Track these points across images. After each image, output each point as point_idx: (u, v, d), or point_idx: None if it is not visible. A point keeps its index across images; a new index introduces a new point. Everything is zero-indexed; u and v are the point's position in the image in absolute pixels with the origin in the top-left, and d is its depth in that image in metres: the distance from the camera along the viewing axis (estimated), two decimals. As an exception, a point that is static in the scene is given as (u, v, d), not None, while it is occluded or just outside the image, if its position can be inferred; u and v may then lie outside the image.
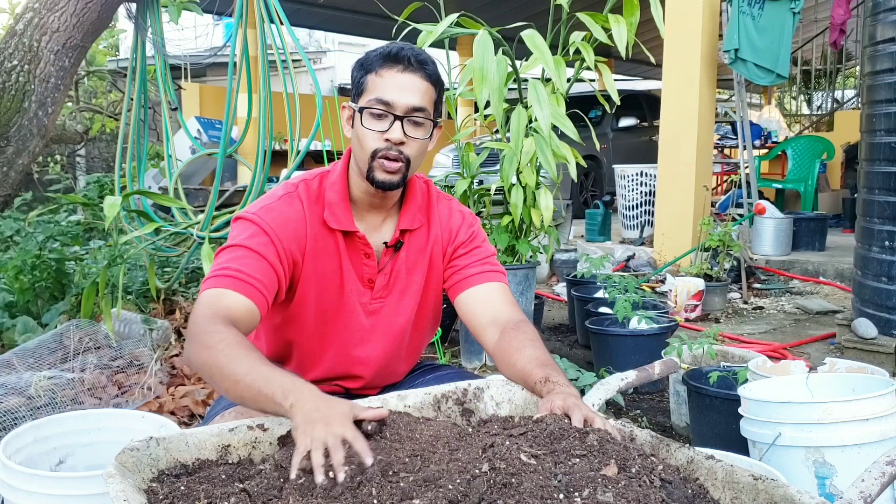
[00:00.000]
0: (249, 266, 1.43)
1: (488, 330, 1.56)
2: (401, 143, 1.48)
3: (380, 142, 1.48)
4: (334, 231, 1.55)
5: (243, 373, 1.23)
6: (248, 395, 1.22)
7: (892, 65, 3.18)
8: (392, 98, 1.47)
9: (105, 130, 7.68)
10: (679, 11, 5.52)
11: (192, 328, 1.35)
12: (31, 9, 4.05)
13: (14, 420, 2.24)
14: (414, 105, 1.48)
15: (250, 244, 1.46)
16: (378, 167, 1.49)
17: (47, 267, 3.36)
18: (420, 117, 1.49)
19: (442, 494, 0.97)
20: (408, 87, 1.48)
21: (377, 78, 1.48)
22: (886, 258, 3.19)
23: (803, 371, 2.29)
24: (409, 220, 1.61)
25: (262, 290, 1.43)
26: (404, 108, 1.47)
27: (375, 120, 1.48)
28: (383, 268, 1.61)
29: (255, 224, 1.48)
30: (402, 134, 1.48)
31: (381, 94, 1.47)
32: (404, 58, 1.48)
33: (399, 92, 1.47)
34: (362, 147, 1.50)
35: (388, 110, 1.47)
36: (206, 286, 1.41)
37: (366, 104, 1.48)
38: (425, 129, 1.51)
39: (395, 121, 1.47)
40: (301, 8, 9.66)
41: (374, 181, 1.50)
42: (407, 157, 1.50)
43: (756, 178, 6.21)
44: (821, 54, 12.56)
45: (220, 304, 1.37)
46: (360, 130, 1.50)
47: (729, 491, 1.09)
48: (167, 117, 4.08)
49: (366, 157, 1.50)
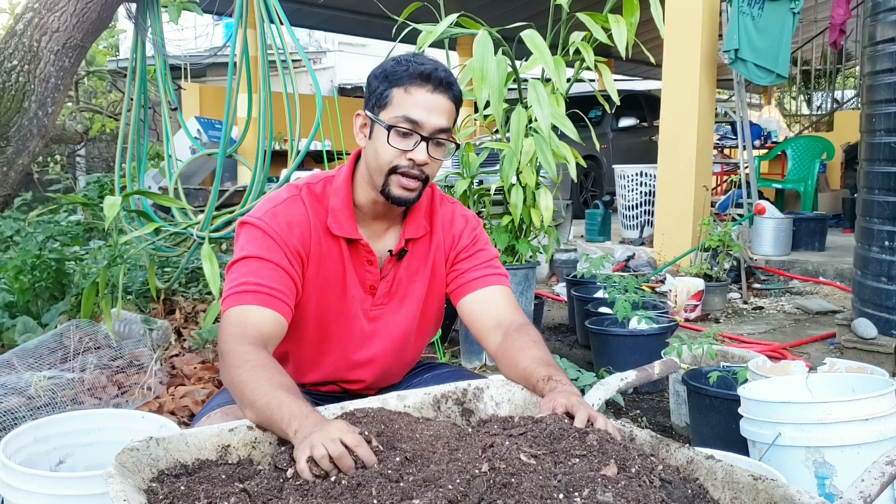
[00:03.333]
0: (267, 277, 1.43)
1: (492, 333, 1.56)
2: (424, 164, 1.48)
3: (401, 159, 1.47)
4: (338, 237, 1.55)
5: (261, 394, 1.24)
6: (262, 419, 1.24)
7: (892, 65, 3.18)
8: (421, 118, 1.45)
9: (105, 130, 7.69)
10: (679, 11, 5.52)
11: (221, 347, 1.37)
12: (31, 9, 4.05)
13: (14, 420, 2.24)
14: (440, 127, 1.47)
15: (262, 254, 1.46)
16: (395, 183, 1.48)
17: (47, 267, 3.36)
18: (443, 139, 1.49)
19: (442, 494, 0.97)
20: (436, 109, 1.47)
21: (406, 95, 1.46)
22: (886, 258, 3.19)
23: (803, 371, 2.29)
24: (414, 229, 1.61)
25: (284, 299, 1.44)
26: (431, 129, 1.46)
27: (400, 138, 1.46)
28: (386, 275, 1.61)
29: (261, 230, 1.48)
30: (427, 155, 1.47)
31: (410, 112, 1.45)
32: (436, 78, 1.47)
33: (428, 113, 1.46)
34: (380, 161, 1.48)
35: (415, 129, 1.46)
36: (229, 304, 1.41)
37: (393, 121, 1.46)
38: (446, 149, 1.51)
39: (420, 141, 1.46)
40: (301, 8, 9.65)
41: (390, 196, 1.49)
42: (427, 176, 1.50)
43: (756, 178, 6.21)
44: (821, 54, 12.56)
45: (247, 322, 1.38)
46: (382, 145, 1.47)
47: (729, 491, 1.09)
48: (167, 117, 4.08)
49: (383, 171, 1.48)
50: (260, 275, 1.43)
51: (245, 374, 1.28)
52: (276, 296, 1.42)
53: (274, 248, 1.46)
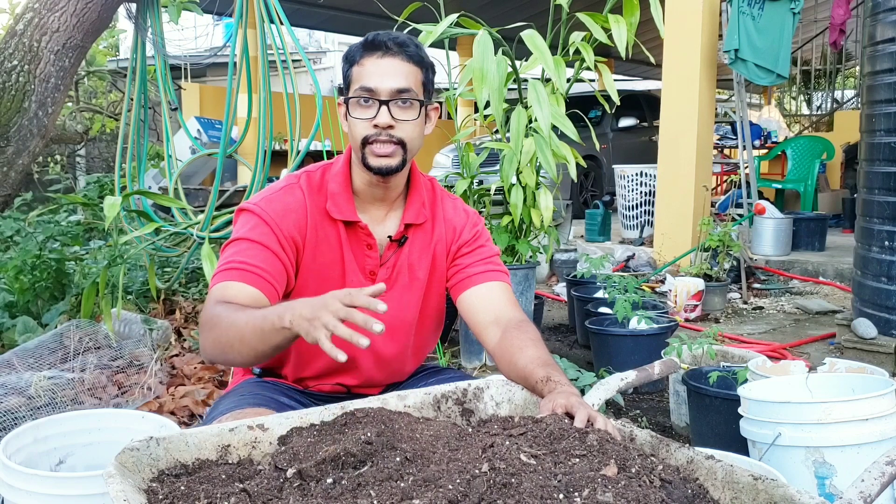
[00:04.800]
0: (253, 256, 1.46)
1: (490, 329, 1.56)
2: (389, 126, 1.49)
3: (369, 129, 1.50)
4: (336, 221, 1.56)
5: (243, 324, 1.29)
6: (256, 340, 1.28)
7: (892, 65, 3.18)
8: (374, 84, 1.48)
9: (105, 130, 7.68)
10: (679, 11, 5.52)
11: (200, 321, 1.41)
12: (31, 9, 4.05)
13: (14, 420, 2.24)
14: (397, 87, 1.49)
15: (252, 236, 1.49)
16: (370, 153, 1.51)
17: (47, 267, 3.36)
18: (406, 98, 1.50)
19: (442, 494, 0.97)
20: (389, 72, 1.49)
21: (359, 68, 1.51)
22: (886, 258, 3.19)
23: (803, 371, 2.29)
24: (414, 214, 1.62)
25: (269, 279, 1.46)
26: (388, 92, 1.48)
27: (363, 108, 1.50)
28: (386, 261, 1.61)
29: (255, 215, 1.51)
30: (390, 117, 1.49)
31: (365, 81, 1.49)
32: (381, 43, 1.50)
33: (380, 77, 1.49)
34: (354, 137, 1.53)
35: (372, 96, 1.49)
36: (215, 281, 1.45)
37: (352, 94, 1.50)
38: (414, 109, 1.52)
39: (380, 106, 1.48)
40: (301, 8, 9.66)
41: (370, 167, 1.52)
42: (400, 139, 1.51)
43: (756, 178, 6.21)
44: (821, 54, 12.56)
45: (225, 295, 1.41)
46: (350, 121, 1.52)
47: (729, 491, 1.09)
48: (167, 117, 4.08)
49: (357, 145, 1.52)
50: (247, 255, 1.46)
51: (223, 323, 1.33)
52: (259, 274, 1.45)
53: (266, 232, 1.49)
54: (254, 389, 1.59)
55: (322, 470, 1.08)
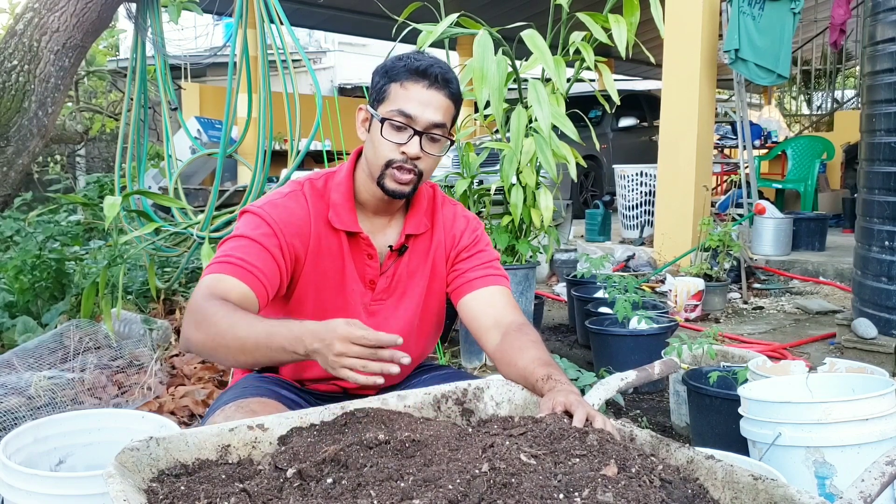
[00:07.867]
0: (250, 255, 1.46)
1: (490, 333, 1.57)
2: (416, 157, 1.50)
3: (395, 153, 1.50)
4: (338, 231, 1.57)
5: (244, 334, 1.29)
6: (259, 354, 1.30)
7: (892, 65, 3.18)
8: (415, 112, 1.48)
9: (105, 130, 7.69)
10: (679, 11, 5.51)
11: (188, 309, 1.39)
12: (31, 9, 4.05)
13: (14, 420, 2.24)
14: (434, 122, 1.50)
15: (253, 235, 1.49)
16: (389, 177, 1.51)
17: (47, 267, 3.36)
18: (438, 134, 1.51)
19: (442, 494, 0.97)
20: (431, 104, 1.50)
21: (401, 89, 1.50)
22: (886, 258, 3.19)
23: (803, 371, 2.29)
24: (415, 224, 1.62)
25: (262, 280, 1.45)
26: (425, 124, 1.49)
27: (395, 131, 1.50)
28: (386, 270, 1.62)
29: (259, 217, 1.51)
30: (420, 149, 1.50)
31: (404, 106, 1.49)
32: (432, 75, 1.50)
33: (422, 108, 1.49)
34: (377, 154, 1.52)
35: (408, 123, 1.49)
36: (207, 272, 1.45)
37: (387, 114, 1.50)
38: (441, 145, 1.54)
39: (414, 135, 1.49)
40: (301, 8, 9.65)
41: (385, 189, 1.53)
42: (420, 170, 1.53)
43: (756, 178, 6.20)
44: (821, 54, 12.55)
45: (217, 288, 1.40)
46: (377, 138, 1.51)
47: (729, 491, 1.09)
48: (167, 117, 4.08)
49: (379, 164, 1.52)
50: (244, 252, 1.46)
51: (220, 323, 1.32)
52: (254, 273, 1.44)
53: (268, 234, 1.49)
54: (255, 382, 1.60)
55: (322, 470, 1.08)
